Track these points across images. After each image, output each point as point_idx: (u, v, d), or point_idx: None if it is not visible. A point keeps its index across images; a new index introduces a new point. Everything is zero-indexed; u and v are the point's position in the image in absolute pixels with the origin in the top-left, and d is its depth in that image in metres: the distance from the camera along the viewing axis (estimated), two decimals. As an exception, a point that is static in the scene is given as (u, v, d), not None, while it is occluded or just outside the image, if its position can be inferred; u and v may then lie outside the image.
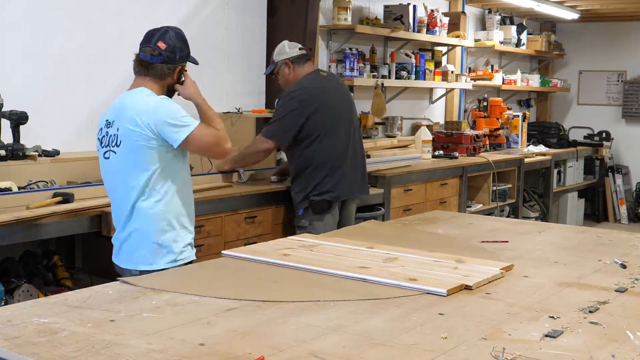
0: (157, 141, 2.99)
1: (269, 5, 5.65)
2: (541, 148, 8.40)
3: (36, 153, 3.94)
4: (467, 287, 2.31)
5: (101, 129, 3.12)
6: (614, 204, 9.65)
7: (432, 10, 7.09)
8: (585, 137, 9.64)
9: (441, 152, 6.74)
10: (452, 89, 7.92)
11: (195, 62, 3.30)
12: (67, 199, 3.56)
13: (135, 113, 2.99)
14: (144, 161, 2.99)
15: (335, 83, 4.54)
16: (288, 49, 4.42)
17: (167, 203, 3.05)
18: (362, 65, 6.30)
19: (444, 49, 7.76)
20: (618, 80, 9.92)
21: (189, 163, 3.26)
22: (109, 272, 3.44)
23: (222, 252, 2.75)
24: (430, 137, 6.64)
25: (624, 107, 9.83)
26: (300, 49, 4.43)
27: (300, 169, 4.29)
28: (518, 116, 8.25)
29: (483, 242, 3.05)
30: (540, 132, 8.94)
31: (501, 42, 8.46)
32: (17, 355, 1.69)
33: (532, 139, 8.69)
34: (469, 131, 7.21)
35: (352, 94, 4.70)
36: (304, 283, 2.35)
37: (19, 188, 3.66)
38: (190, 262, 3.08)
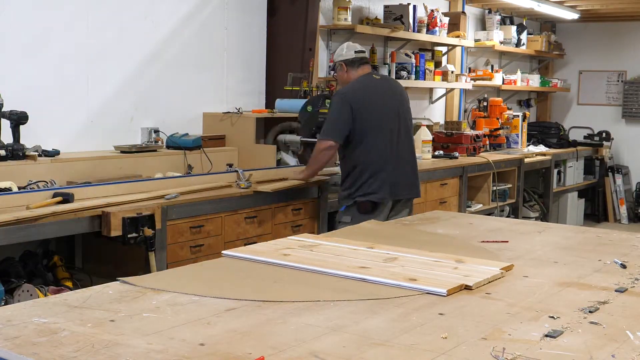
0: None
1: (269, 5, 5.66)
2: (541, 148, 8.40)
3: (36, 153, 3.94)
4: (467, 287, 2.31)
5: None
6: (614, 204, 9.65)
7: (432, 10, 7.09)
8: (585, 137, 9.64)
9: (441, 152, 6.74)
10: (452, 89, 7.92)
11: None
12: (67, 199, 3.56)
13: None
14: None
15: (387, 86, 4.58)
16: (345, 50, 4.52)
17: None
18: (362, 65, 6.29)
19: (444, 49, 7.76)
20: (618, 80, 9.92)
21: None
22: (109, 272, 3.44)
23: (222, 252, 2.75)
24: (430, 137, 6.64)
25: (624, 107, 9.83)
26: (356, 52, 4.50)
27: (347, 169, 4.40)
28: (518, 116, 8.25)
29: (483, 242, 3.05)
30: (540, 132, 8.94)
31: (501, 42, 8.46)
32: (17, 355, 1.69)
33: (532, 139, 8.69)
34: (469, 131, 7.21)
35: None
36: (304, 283, 2.35)
37: (19, 188, 3.66)
38: None
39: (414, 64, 6.92)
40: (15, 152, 3.85)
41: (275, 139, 5.30)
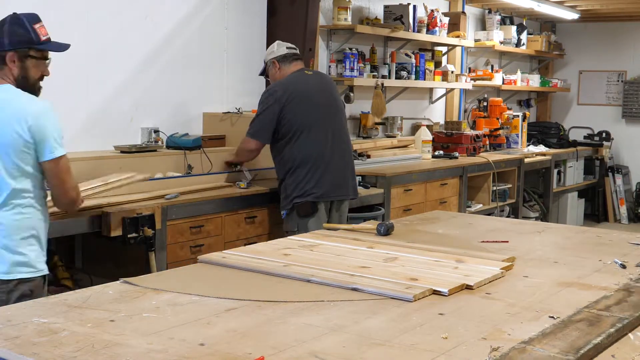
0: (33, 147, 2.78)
1: (269, 5, 5.65)
2: (541, 148, 8.40)
3: (36, 153, 3.94)
4: (468, 287, 2.31)
5: None
6: (614, 204, 9.65)
7: (432, 10, 7.09)
8: (585, 137, 9.64)
9: (441, 152, 6.74)
10: (452, 89, 7.92)
11: (53, 49, 2.96)
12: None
13: (19, 112, 2.76)
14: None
15: (320, 82, 4.45)
16: (276, 48, 4.43)
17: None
18: (362, 65, 6.30)
19: (444, 49, 7.76)
20: (618, 80, 9.91)
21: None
22: (109, 272, 3.44)
23: (223, 251, 2.75)
24: (430, 137, 6.64)
25: (624, 107, 9.83)
26: (288, 47, 4.41)
27: (282, 169, 4.26)
28: (518, 116, 8.25)
29: (483, 242, 3.05)
30: (540, 132, 8.94)
31: (501, 42, 8.46)
32: (17, 355, 1.69)
33: (532, 139, 8.69)
34: (469, 131, 7.21)
35: (338, 94, 4.56)
36: (304, 283, 2.35)
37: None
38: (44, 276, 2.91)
39: (414, 64, 6.92)
40: (15, 152, 3.84)
41: None
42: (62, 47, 2.97)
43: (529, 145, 8.39)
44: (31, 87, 2.90)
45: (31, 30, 2.86)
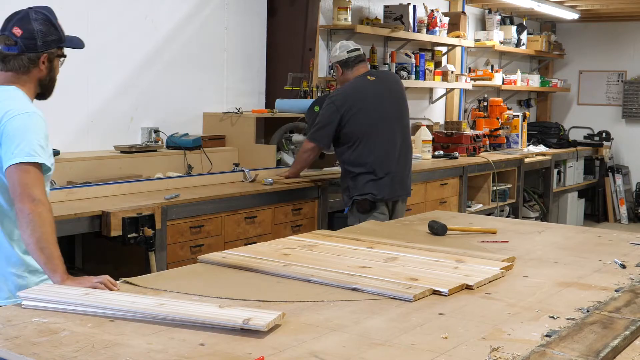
0: None
1: (269, 5, 5.66)
2: (541, 148, 8.40)
3: (36, 153, 3.93)
4: (468, 287, 2.31)
5: None
6: (614, 204, 9.65)
7: (432, 10, 7.09)
8: (585, 137, 9.64)
9: (441, 152, 6.74)
10: (452, 89, 7.92)
11: (76, 46, 2.64)
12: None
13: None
14: None
15: (382, 86, 4.44)
16: (338, 51, 4.46)
17: None
18: (362, 65, 6.29)
19: (444, 49, 7.76)
20: (618, 80, 9.91)
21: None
22: (109, 272, 3.43)
23: (223, 251, 2.75)
24: (430, 137, 6.64)
25: (624, 107, 9.83)
26: (348, 51, 4.42)
27: (345, 170, 4.40)
28: (518, 116, 8.25)
29: (483, 242, 3.05)
30: (540, 132, 8.94)
31: (501, 42, 8.46)
32: (17, 355, 1.69)
33: (532, 139, 8.69)
34: (469, 131, 7.21)
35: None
36: (304, 283, 2.35)
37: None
38: None
39: (414, 64, 6.92)
40: (15, 152, 3.84)
41: (281, 138, 5.27)
42: (81, 43, 2.67)
43: (529, 145, 8.39)
44: (53, 87, 2.66)
45: (58, 26, 2.57)
